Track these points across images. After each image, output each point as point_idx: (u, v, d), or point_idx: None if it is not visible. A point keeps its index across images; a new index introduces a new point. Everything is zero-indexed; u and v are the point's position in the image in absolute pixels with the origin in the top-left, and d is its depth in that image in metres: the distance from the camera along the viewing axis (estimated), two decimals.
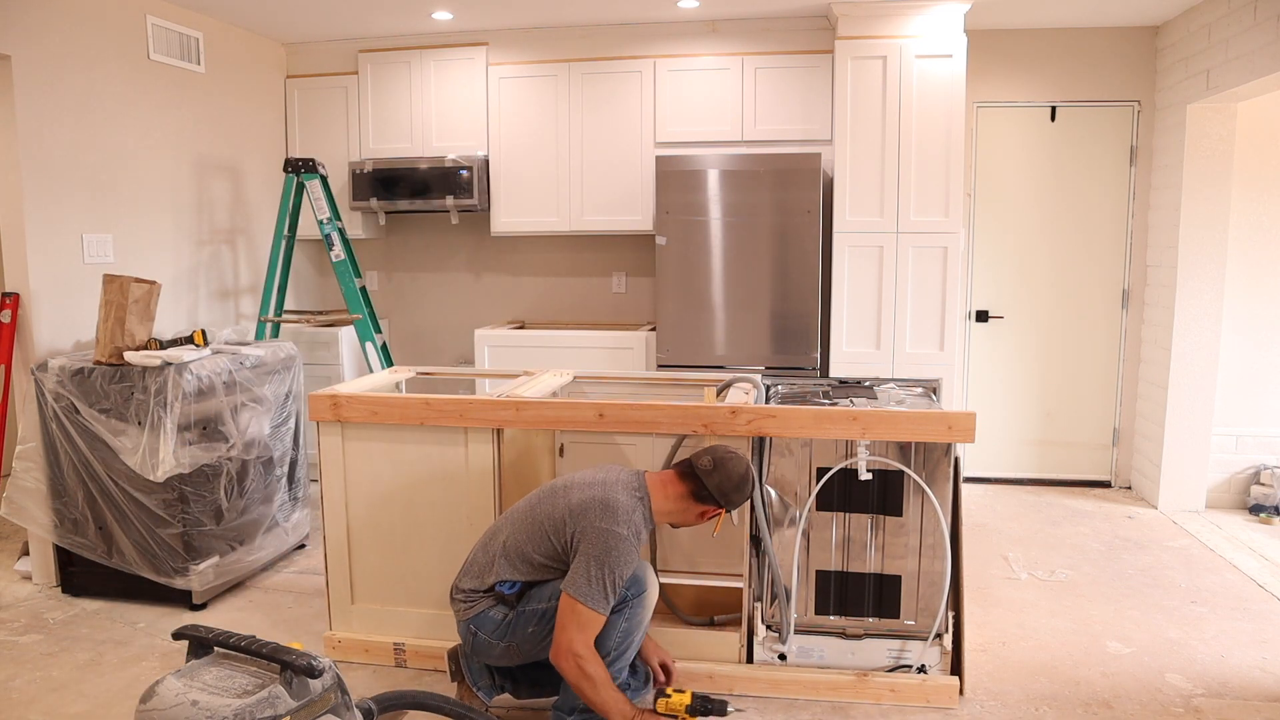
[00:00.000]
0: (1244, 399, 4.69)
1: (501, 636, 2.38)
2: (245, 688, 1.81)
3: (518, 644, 2.38)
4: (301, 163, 4.41)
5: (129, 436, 3.26)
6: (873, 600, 2.73)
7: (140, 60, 4.05)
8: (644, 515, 2.37)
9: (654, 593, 2.44)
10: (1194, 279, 4.48)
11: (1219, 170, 4.40)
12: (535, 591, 2.38)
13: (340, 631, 3.01)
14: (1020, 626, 3.23)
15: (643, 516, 2.36)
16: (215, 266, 4.61)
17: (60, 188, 3.63)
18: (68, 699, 2.73)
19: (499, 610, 2.38)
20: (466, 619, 2.40)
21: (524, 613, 2.37)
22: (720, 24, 4.65)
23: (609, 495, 2.33)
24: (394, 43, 4.96)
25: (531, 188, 4.87)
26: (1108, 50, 4.77)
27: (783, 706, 2.68)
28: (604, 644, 2.34)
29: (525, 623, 2.36)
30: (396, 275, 5.47)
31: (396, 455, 2.90)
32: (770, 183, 4.32)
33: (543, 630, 2.36)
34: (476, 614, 2.39)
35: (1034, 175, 4.92)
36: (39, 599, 3.49)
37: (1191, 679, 2.85)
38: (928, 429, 2.59)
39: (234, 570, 3.53)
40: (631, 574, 2.33)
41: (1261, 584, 3.63)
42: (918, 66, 4.27)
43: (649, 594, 2.41)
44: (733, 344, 4.45)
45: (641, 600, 2.37)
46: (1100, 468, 5.06)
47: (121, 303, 3.32)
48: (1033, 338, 5.02)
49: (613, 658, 2.36)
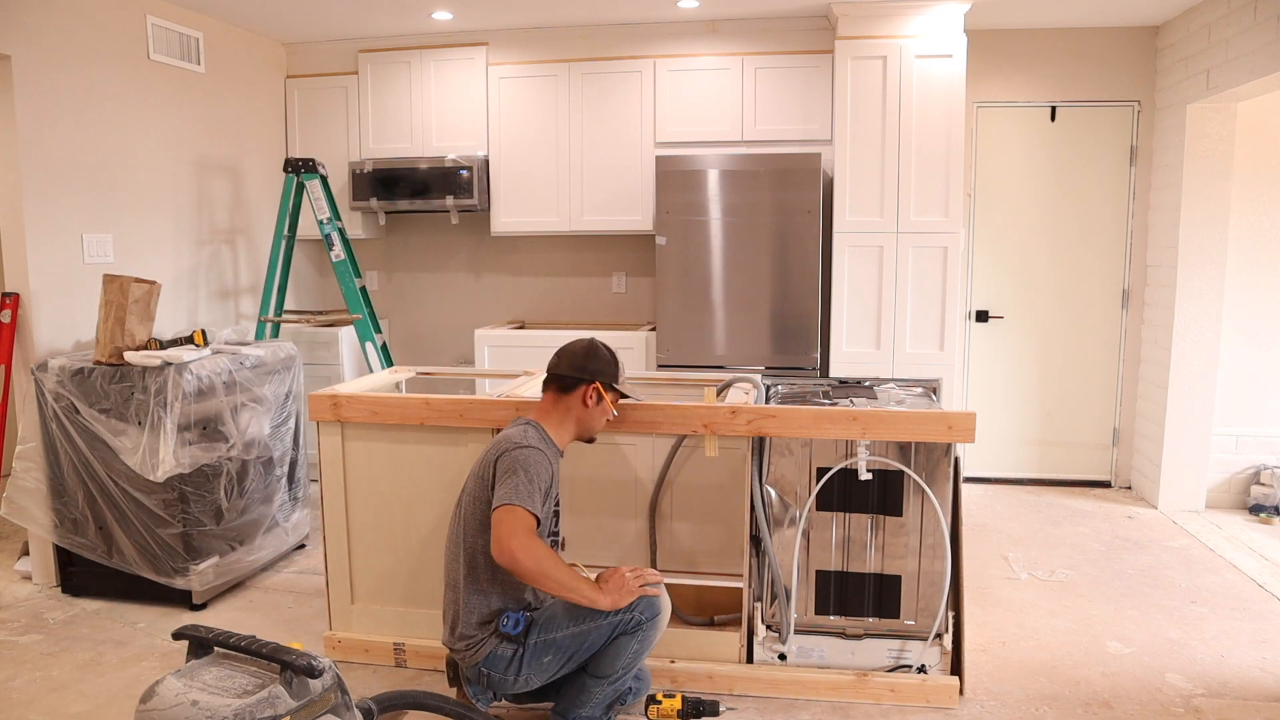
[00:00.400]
0: (1244, 399, 4.69)
1: (516, 672, 2.36)
2: (245, 688, 1.81)
3: (535, 674, 2.36)
4: (301, 163, 4.41)
5: (129, 436, 3.26)
6: (873, 600, 2.73)
7: (140, 60, 4.05)
8: (539, 435, 2.42)
9: (666, 616, 2.43)
10: (1194, 279, 4.48)
11: (1219, 170, 4.40)
12: (544, 623, 2.37)
13: (340, 631, 3.01)
14: (1020, 626, 3.23)
15: (538, 436, 2.41)
16: (215, 266, 4.61)
17: (60, 188, 3.63)
18: (68, 699, 2.73)
19: (506, 648, 2.35)
20: (475, 664, 2.38)
21: (537, 644, 2.35)
22: (720, 24, 4.65)
23: (496, 441, 2.42)
24: (394, 43, 4.96)
25: (531, 188, 4.87)
26: (1108, 50, 4.78)
27: (782, 706, 2.68)
28: (614, 663, 2.35)
29: (540, 653, 2.35)
30: (396, 275, 5.47)
31: (396, 455, 2.90)
32: (770, 183, 4.32)
33: (560, 658, 2.35)
34: (485, 657, 2.36)
35: (1034, 175, 4.92)
36: (39, 599, 3.49)
37: (1191, 679, 2.85)
38: (928, 429, 2.59)
39: (234, 570, 3.53)
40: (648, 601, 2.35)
41: (1261, 584, 3.63)
42: (918, 66, 4.27)
43: (662, 618, 2.40)
44: (733, 344, 4.45)
45: (655, 623, 2.37)
46: (1100, 468, 5.06)
47: (121, 303, 3.32)
48: (1033, 338, 5.02)
49: (620, 674, 2.37)
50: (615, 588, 2.32)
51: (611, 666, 2.36)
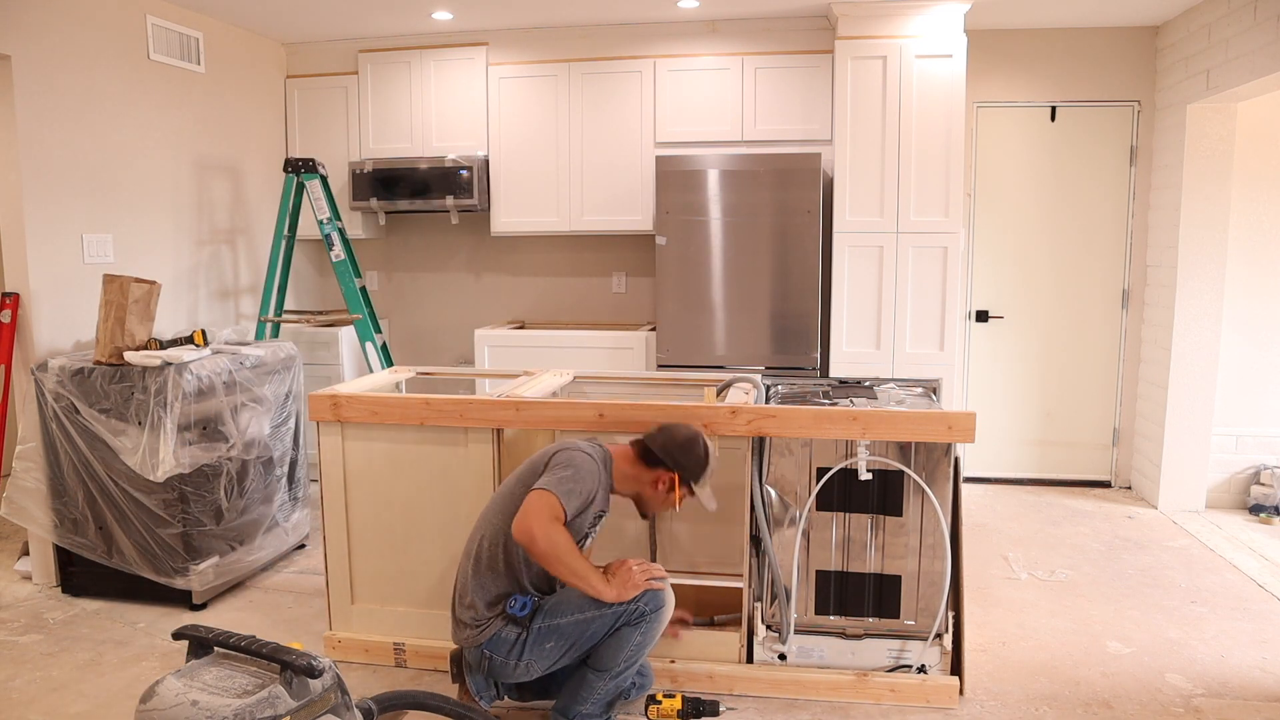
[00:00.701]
0: (1244, 399, 4.69)
1: (518, 656, 2.37)
2: (245, 688, 1.81)
3: (536, 660, 2.37)
4: (301, 163, 4.41)
5: (129, 436, 3.26)
6: (873, 600, 2.73)
7: (140, 60, 4.05)
8: (605, 462, 2.46)
9: (669, 610, 2.45)
10: (1194, 279, 4.48)
11: (1219, 170, 4.40)
12: (550, 608, 2.38)
13: (340, 631, 3.01)
14: (1020, 626, 3.24)
15: (603, 459, 2.46)
16: (215, 266, 4.61)
17: (60, 188, 3.63)
18: (68, 699, 2.73)
19: (510, 630, 2.37)
20: (479, 644, 2.39)
21: (541, 629, 2.36)
22: (720, 24, 4.65)
23: (569, 442, 2.48)
24: (394, 43, 4.96)
25: (531, 188, 4.87)
26: (1108, 50, 4.77)
27: (782, 706, 2.68)
28: (616, 655, 2.36)
29: (543, 639, 2.36)
30: (396, 275, 5.47)
31: (396, 455, 2.90)
32: (770, 183, 4.32)
33: (562, 645, 2.36)
34: (489, 638, 2.37)
35: (1034, 175, 4.92)
36: (39, 599, 3.49)
37: (1191, 679, 2.85)
38: (928, 429, 2.59)
39: (234, 570, 3.53)
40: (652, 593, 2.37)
41: (1261, 584, 3.63)
42: (918, 66, 4.27)
43: (665, 610, 2.42)
44: (733, 344, 4.45)
45: (658, 615, 2.39)
46: (1100, 468, 5.06)
47: (121, 303, 3.32)
48: (1033, 338, 5.02)
49: (622, 668, 2.38)
50: (621, 580, 2.35)
51: (614, 659, 2.36)
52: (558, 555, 2.26)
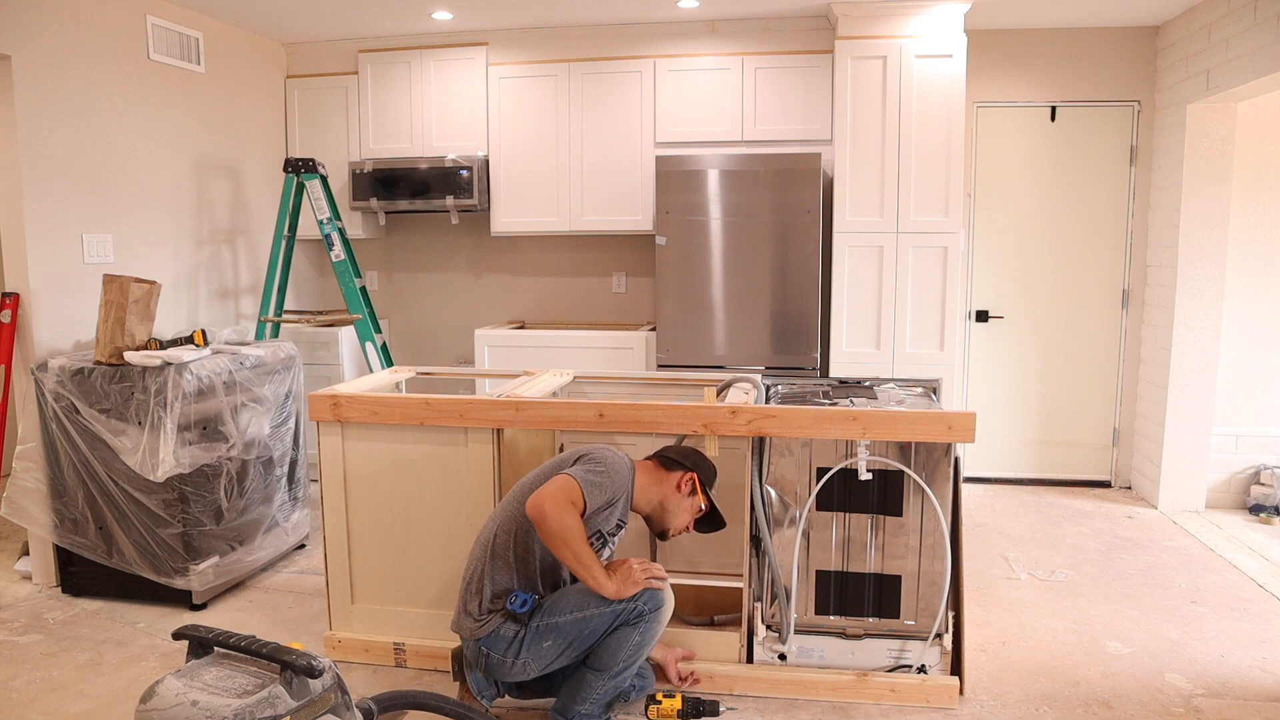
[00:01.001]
0: (1244, 399, 4.69)
1: (515, 653, 2.37)
2: (245, 688, 1.82)
3: (533, 659, 2.37)
4: (301, 163, 4.41)
5: (129, 436, 3.26)
6: (873, 600, 2.73)
7: (140, 60, 4.05)
8: (629, 470, 2.49)
9: (669, 611, 2.45)
10: (1194, 279, 4.48)
11: (1219, 170, 4.40)
12: (548, 607, 2.38)
13: (340, 631, 3.01)
14: (1020, 626, 3.24)
15: (628, 470, 2.49)
16: (215, 266, 4.61)
17: (60, 188, 3.64)
18: (68, 699, 2.73)
19: (509, 628, 2.37)
20: (478, 639, 2.39)
21: (539, 628, 2.36)
22: (720, 24, 4.65)
23: (604, 445, 2.56)
24: (394, 43, 4.96)
25: (531, 188, 4.87)
26: (1108, 50, 4.78)
27: (783, 706, 2.68)
28: (615, 655, 2.36)
29: (540, 637, 2.36)
30: (396, 275, 5.47)
31: (396, 455, 2.90)
32: (770, 183, 4.32)
33: (560, 644, 2.36)
34: (488, 634, 2.38)
35: (1034, 175, 4.92)
36: (39, 599, 3.49)
37: (1191, 679, 2.85)
38: (928, 429, 2.59)
39: (234, 570, 3.53)
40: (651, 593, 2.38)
41: (1261, 584, 3.63)
42: (918, 66, 4.27)
43: (664, 611, 2.42)
44: (733, 344, 4.45)
45: (657, 615, 2.39)
46: (1100, 468, 5.07)
47: (121, 303, 3.32)
48: (1033, 338, 5.02)
49: (621, 668, 2.38)
50: (622, 576, 2.36)
51: (612, 659, 2.36)
52: (565, 538, 2.27)
